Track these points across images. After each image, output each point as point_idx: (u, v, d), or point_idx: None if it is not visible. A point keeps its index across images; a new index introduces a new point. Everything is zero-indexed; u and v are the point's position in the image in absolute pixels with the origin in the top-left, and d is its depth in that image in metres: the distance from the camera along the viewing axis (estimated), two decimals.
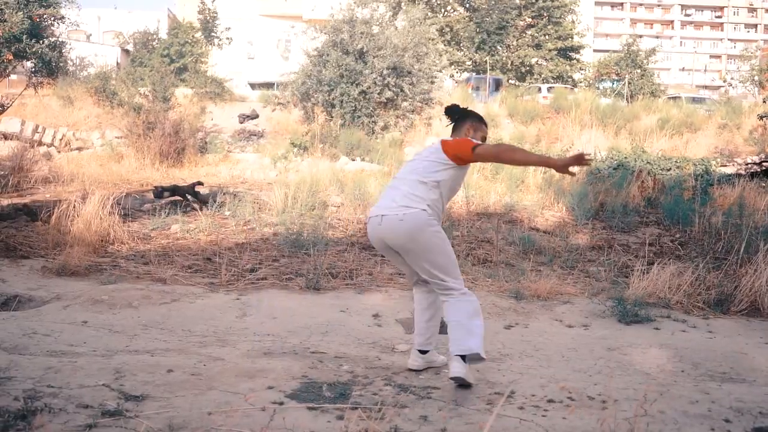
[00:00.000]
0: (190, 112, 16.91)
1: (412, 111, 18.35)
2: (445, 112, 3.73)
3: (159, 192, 9.33)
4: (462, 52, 32.88)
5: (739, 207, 8.75)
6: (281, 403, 3.01)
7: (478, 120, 3.66)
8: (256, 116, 20.91)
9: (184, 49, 29.09)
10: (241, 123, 20.35)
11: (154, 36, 31.16)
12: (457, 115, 3.67)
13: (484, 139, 3.62)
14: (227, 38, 34.14)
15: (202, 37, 31.71)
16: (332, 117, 17.56)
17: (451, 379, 3.29)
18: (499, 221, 8.45)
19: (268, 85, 28.47)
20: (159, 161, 13.61)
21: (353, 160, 15.12)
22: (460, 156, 3.39)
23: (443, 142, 3.47)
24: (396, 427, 2.78)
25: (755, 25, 79.22)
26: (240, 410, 2.89)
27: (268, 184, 10.87)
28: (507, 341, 4.28)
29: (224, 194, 9.07)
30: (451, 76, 30.10)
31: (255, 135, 19.26)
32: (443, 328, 3.87)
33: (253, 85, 32.74)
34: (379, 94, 17.53)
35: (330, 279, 5.89)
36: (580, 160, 3.21)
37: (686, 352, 4.15)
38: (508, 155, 3.40)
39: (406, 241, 3.34)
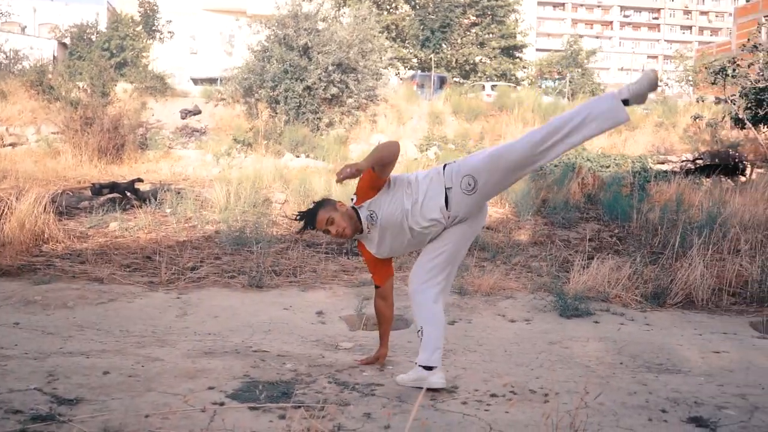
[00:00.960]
0: (130, 108, 16.52)
1: (357, 108, 18.31)
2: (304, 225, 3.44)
3: (97, 189, 9.08)
4: (407, 49, 32.99)
5: (676, 203, 9.00)
6: (222, 404, 2.95)
7: (328, 203, 3.43)
8: (199, 112, 20.55)
9: (124, 43, 28.39)
10: (183, 119, 19.97)
11: (92, 29, 30.31)
12: (308, 217, 3.40)
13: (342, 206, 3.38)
14: (169, 32, 33.47)
15: (143, 30, 30.99)
16: (276, 113, 17.39)
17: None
18: None
19: (211, 81, 28.03)
20: (97, 158, 13.29)
21: (297, 156, 15.02)
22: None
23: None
24: (339, 425, 2.75)
25: (690, 27, 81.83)
26: (179, 412, 2.82)
27: (211, 181, 10.69)
28: (451, 337, 4.30)
29: (165, 191, 8.88)
30: (397, 73, 30.16)
31: (197, 131, 18.93)
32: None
33: (195, 81, 32.17)
34: (324, 90, 17.43)
35: (273, 277, 5.82)
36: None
37: (624, 344, 4.23)
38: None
39: None
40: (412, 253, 6.65)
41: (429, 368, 3.21)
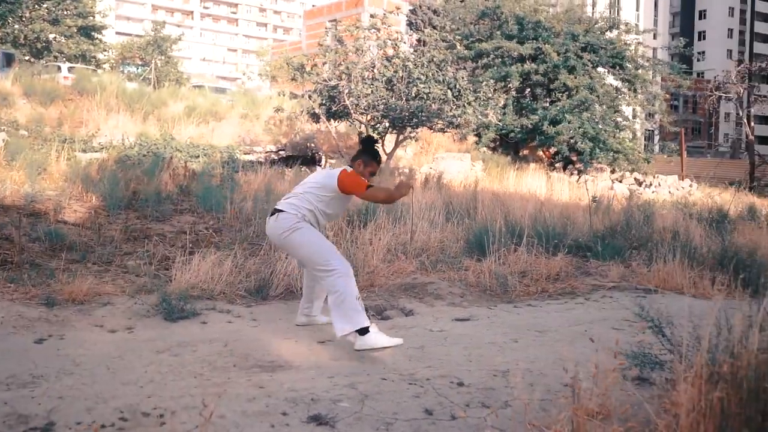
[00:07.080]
0: None
1: None
2: (361, 141, 4.39)
3: None
4: None
5: (265, 192, 9.29)
6: None
7: (371, 157, 4.26)
8: None
9: None
10: None
11: None
12: (363, 146, 4.32)
13: (372, 173, 4.27)
14: None
15: None
16: None
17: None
18: (20, 214, 7.40)
19: None
20: None
21: None
22: (352, 192, 4.10)
23: (341, 176, 4.05)
24: None
25: (266, 24, 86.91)
26: None
27: None
28: (40, 359, 3.67)
29: None
30: None
31: None
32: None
33: None
34: None
35: None
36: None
37: (235, 344, 4.11)
38: (382, 199, 4.15)
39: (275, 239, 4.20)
40: None
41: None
